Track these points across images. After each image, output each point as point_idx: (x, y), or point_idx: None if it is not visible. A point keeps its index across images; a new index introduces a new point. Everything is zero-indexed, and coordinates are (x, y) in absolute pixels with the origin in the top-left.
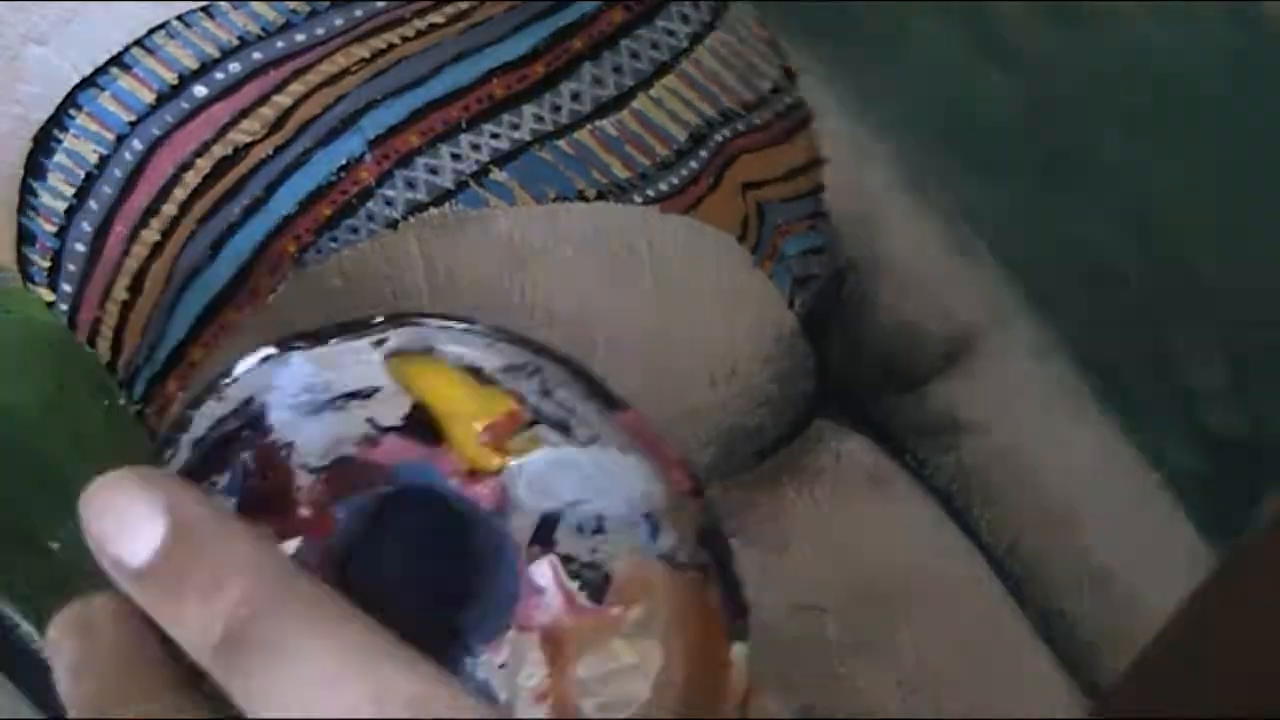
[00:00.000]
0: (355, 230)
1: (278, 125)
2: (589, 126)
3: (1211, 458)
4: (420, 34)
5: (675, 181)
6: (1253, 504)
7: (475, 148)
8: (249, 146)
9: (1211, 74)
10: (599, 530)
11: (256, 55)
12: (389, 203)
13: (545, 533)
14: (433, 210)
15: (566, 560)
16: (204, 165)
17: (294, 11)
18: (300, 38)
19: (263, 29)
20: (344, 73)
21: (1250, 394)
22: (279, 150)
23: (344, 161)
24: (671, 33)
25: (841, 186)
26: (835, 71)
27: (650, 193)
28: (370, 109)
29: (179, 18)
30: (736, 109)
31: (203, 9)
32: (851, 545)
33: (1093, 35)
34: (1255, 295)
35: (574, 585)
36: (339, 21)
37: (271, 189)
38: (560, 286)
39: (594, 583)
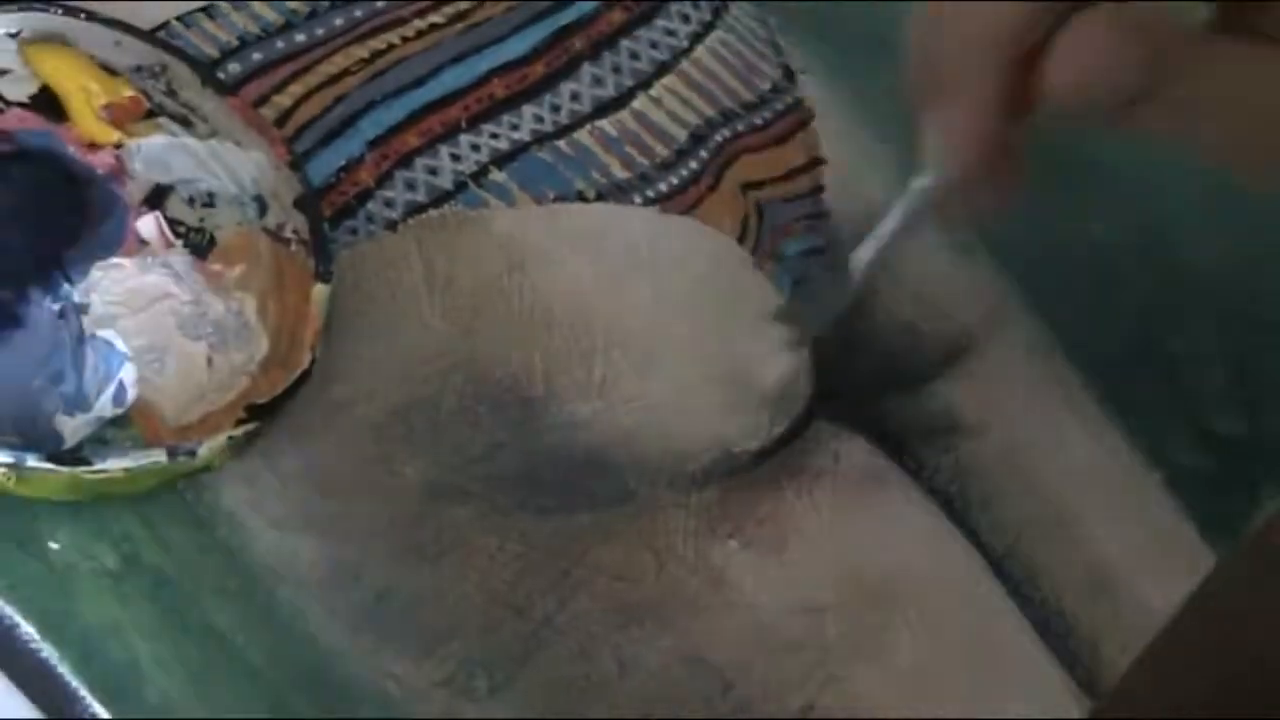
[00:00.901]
0: (354, 231)
1: (277, 126)
2: (589, 127)
3: (1211, 457)
4: (420, 34)
5: (675, 182)
6: (1253, 504)
7: (475, 148)
8: None
9: None
10: (209, 204)
11: (256, 56)
12: (388, 204)
13: (157, 199)
14: (432, 211)
15: (174, 223)
16: None
17: (294, 12)
18: (300, 38)
19: (263, 29)
20: (344, 73)
21: (1250, 394)
22: None
23: (343, 163)
24: (671, 32)
25: (841, 187)
26: (835, 71)
27: (650, 193)
28: (369, 110)
29: (179, 18)
30: (736, 109)
31: (203, 9)
32: (850, 546)
33: None
34: (1255, 295)
35: (179, 243)
36: (339, 22)
37: None
38: (560, 288)
39: (199, 245)
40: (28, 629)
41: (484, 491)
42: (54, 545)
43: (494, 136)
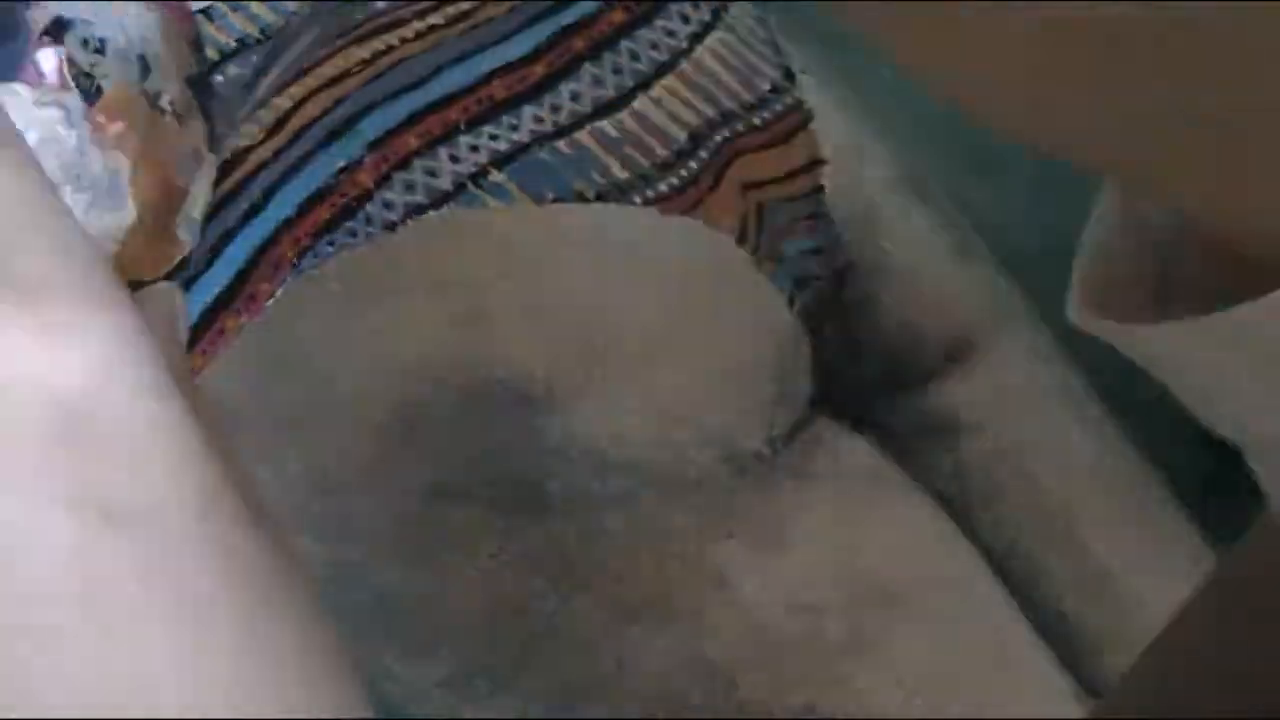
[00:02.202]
0: (354, 234)
1: (276, 128)
2: (589, 127)
3: (1211, 458)
4: (420, 35)
5: (675, 182)
6: (1253, 504)
7: (474, 149)
8: (248, 150)
9: None
10: (100, 51)
11: (255, 58)
12: (388, 206)
13: (57, 30)
14: (432, 213)
15: (70, 62)
16: None
17: (293, 13)
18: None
19: (262, 31)
20: (343, 74)
21: None
22: (278, 154)
23: (342, 165)
24: (671, 33)
25: (841, 187)
26: (835, 72)
27: (650, 194)
28: (369, 112)
29: None
30: (736, 109)
31: (201, 11)
32: (851, 546)
33: None
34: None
35: (73, 87)
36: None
37: (270, 193)
38: (559, 288)
39: (88, 90)
40: None
41: (484, 492)
42: None
43: (493, 137)
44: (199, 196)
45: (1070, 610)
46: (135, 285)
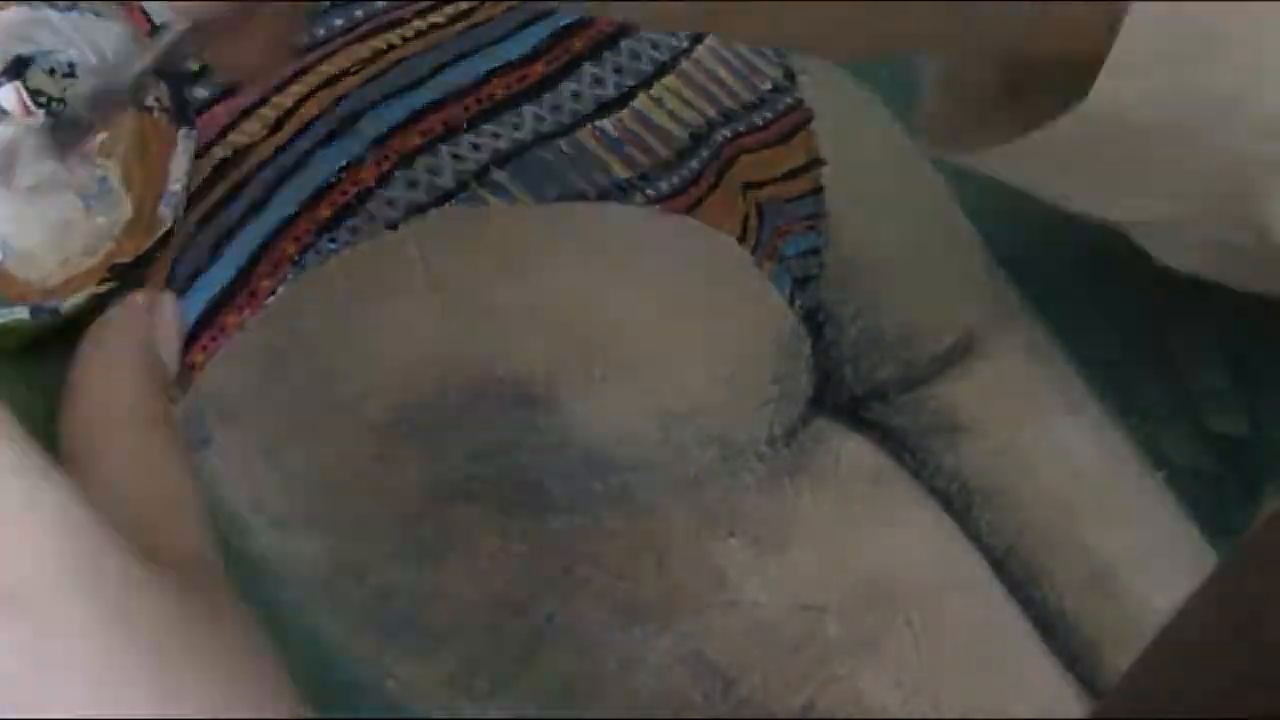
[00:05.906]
0: (356, 231)
1: (277, 126)
2: (589, 126)
3: (1212, 457)
4: (420, 34)
5: (676, 182)
6: (1253, 503)
7: (476, 148)
8: (249, 148)
9: None
10: (70, 75)
11: None
12: (389, 203)
13: (17, 69)
14: (433, 210)
15: (35, 94)
16: (203, 167)
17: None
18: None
19: None
20: (344, 73)
21: (1251, 393)
22: (279, 151)
23: (344, 162)
24: (672, 32)
25: (841, 187)
26: (835, 71)
27: (651, 193)
28: (370, 110)
29: None
30: (737, 109)
31: None
32: (852, 546)
33: None
34: (1255, 295)
35: (40, 112)
36: (338, 22)
37: (271, 190)
38: (560, 287)
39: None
40: None
41: (485, 491)
42: None
43: (495, 136)
44: (177, 170)
45: (1070, 610)
46: (116, 270)
